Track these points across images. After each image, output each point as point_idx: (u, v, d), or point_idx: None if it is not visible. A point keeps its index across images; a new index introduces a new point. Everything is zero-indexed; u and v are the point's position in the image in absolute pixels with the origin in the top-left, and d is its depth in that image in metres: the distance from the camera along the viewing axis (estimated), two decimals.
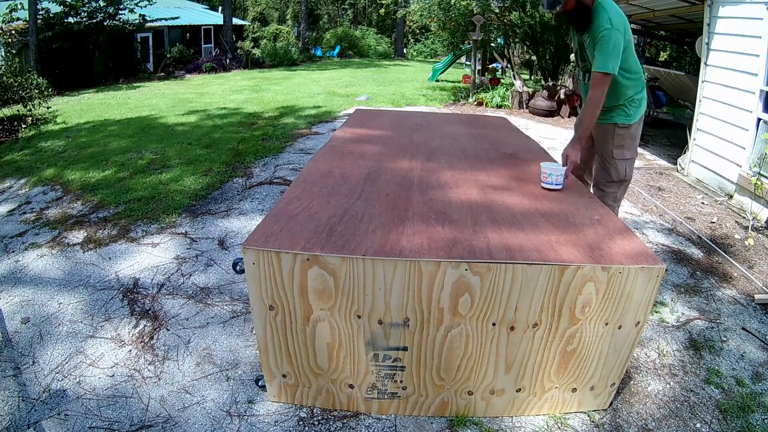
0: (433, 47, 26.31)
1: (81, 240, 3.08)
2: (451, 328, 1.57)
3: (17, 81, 7.04)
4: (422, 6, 10.97)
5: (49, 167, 4.65)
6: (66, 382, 1.88)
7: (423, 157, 2.51)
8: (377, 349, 1.63)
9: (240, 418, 1.74)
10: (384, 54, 24.48)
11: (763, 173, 3.81)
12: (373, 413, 1.77)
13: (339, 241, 1.54)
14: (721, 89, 4.49)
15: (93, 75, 12.47)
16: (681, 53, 12.09)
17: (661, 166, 5.45)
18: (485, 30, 9.86)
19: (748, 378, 2.06)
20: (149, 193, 3.75)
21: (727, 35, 4.42)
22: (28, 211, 3.60)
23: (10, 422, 1.68)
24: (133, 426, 1.69)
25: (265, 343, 1.65)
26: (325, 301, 1.54)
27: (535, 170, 2.38)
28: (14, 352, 2.05)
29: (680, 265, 3.03)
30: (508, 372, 1.67)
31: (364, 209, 1.79)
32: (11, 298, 2.45)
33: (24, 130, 6.64)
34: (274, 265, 1.50)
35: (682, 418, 1.82)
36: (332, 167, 2.25)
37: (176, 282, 2.60)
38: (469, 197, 1.96)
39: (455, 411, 1.75)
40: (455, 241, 1.57)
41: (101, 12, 12.71)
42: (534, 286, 1.50)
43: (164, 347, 2.10)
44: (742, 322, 2.46)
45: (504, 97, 9.29)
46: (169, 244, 3.02)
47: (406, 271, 1.47)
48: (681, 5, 5.55)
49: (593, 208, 1.95)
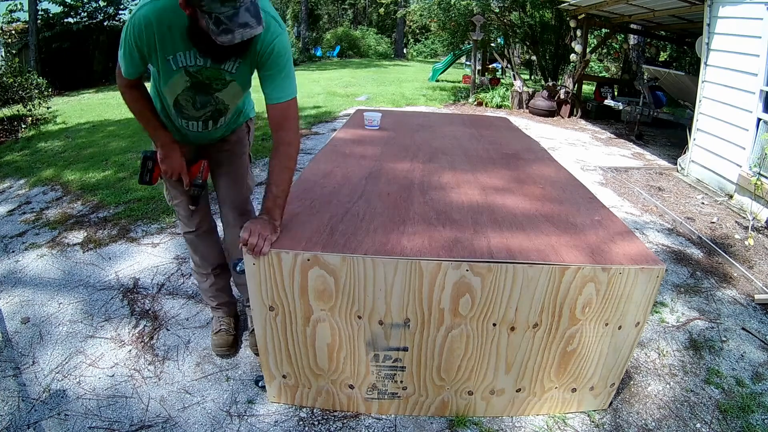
0: (433, 47, 26.30)
1: (81, 240, 3.07)
2: (451, 329, 1.57)
3: (17, 81, 7.04)
4: (422, 6, 10.97)
5: (48, 167, 4.65)
6: (66, 382, 1.88)
7: (424, 157, 2.51)
8: (378, 350, 1.63)
9: (240, 418, 1.74)
10: (384, 54, 24.49)
11: (763, 173, 3.81)
12: (373, 413, 1.77)
13: (340, 240, 1.54)
14: (721, 89, 4.50)
15: (93, 75, 12.48)
16: (681, 53, 12.09)
17: (661, 166, 5.45)
18: (485, 30, 9.86)
19: (748, 378, 2.06)
20: (149, 193, 3.75)
21: (727, 35, 4.42)
22: (28, 211, 3.60)
23: (10, 422, 1.68)
24: (133, 426, 1.69)
25: (265, 343, 1.65)
26: (325, 301, 1.54)
27: (536, 171, 2.39)
28: (14, 352, 2.05)
29: (680, 266, 3.03)
30: (508, 372, 1.67)
31: (366, 209, 1.79)
32: (11, 298, 2.45)
33: (24, 130, 6.64)
34: (274, 266, 1.49)
35: (682, 418, 1.82)
36: (333, 167, 2.25)
37: (176, 282, 2.60)
38: (470, 197, 1.96)
39: (455, 411, 1.75)
40: (456, 242, 1.57)
41: (101, 12, 12.73)
42: (535, 286, 1.50)
43: (164, 347, 2.10)
44: (742, 322, 2.47)
45: (504, 97, 9.29)
46: (169, 244, 3.02)
47: (407, 272, 1.47)
48: (681, 5, 5.56)
49: (594, 208, 1.95)
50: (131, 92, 1.63)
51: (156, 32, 1.42)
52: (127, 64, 1.52)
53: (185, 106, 1.67)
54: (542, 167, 2.46)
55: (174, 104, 1.67)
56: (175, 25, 1.42)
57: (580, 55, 8.21)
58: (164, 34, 1.43)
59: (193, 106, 1.67)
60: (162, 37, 1.44)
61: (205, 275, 2.07)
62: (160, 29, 1.42)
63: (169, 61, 1.50)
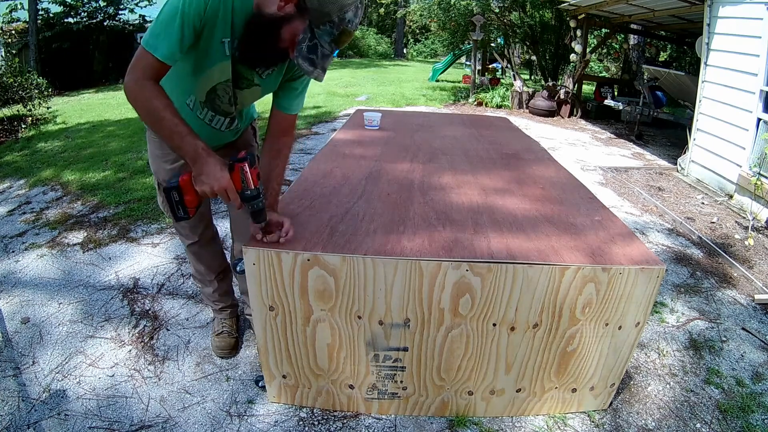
0: (433, 47, 26.30)
1: (81, 240, 3.08)
2: (451, 329, 1.57)
3: (17, 81, 7.04)
4: (422, 6, 10.99)
5: (48, 167, 4.65)
6: (66, 382, 1.88)
7: (424, 157, 2.51)
8: (378, 350, 1.63)
9: (240, 418, 1.74)
10: (384, 54, 24.49)
11: (763, 173, 3.81)
12: (373, 413, 1.77)
13: (340, 240, 1.54)
14: (721, 89, 4.50)
15: (93, 75, 12.49)
16: (681, 53, 12.10)
17: (661, 166, 5.45)
18: (485, 30, 9.87)
19: (748, 378, 2.06)
20: (149, 193, 3.76)
21: (727, 35, 4.43)
22: (28, 211, 3.60)
23: (10, 422, 1.68)
24: (133, 426, 1.69)
25: (265, 343, 1.65)
26: (325, 301, 1.54)
27: (536, 171, 2.38)
28: (14, 352, 2.05)
29: (680, 265, 3.03)
30: (509, 372, 1.67)
31: (366, 209, 1.79)
32: (11, 298, 2.45)
33: (24, 130, 6.64)
34: (274, 266, 1.49)
35: (682, 418, 1.82)
36: (333, 167, 2.25)
37: (176, 282, 2.60)
38: (470, 198, 1.96)
39: (455, 411, 1.75)
40: (456, 242, 1.57)
41: (101, 12, 12.73)
42: (535, 286, 1.50)
43: (164, 347, 2.10)
44: (742, 322, 2.47)
45: (504, 97, 9.29)
46: (169, 244, 3.02)
47: (407, 272, 1.47)
48: (681, 5, 5.56)
49: (594, 209, 1.95)
50: (155, 86, 1.25)
51: (221, 8, 1.25)
52: (172, 43, 1.22)
53: (222, 98, 1.51)
54: (542, 167, 2.46)
55: (208, 94, 1.49)
56: (238, 8, 1.26)
57: (580, 55, 8.22)
58: (227, 12, 1.26)
59: (228, 100, 1.53)
60: (224, 16, 1.26)
61: (209, 282, 2.05)
62: (225, 6, 1.25)
63: (224, 44, 1.33)
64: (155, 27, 1.22)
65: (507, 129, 3.42)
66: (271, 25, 1.22)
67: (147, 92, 1.24)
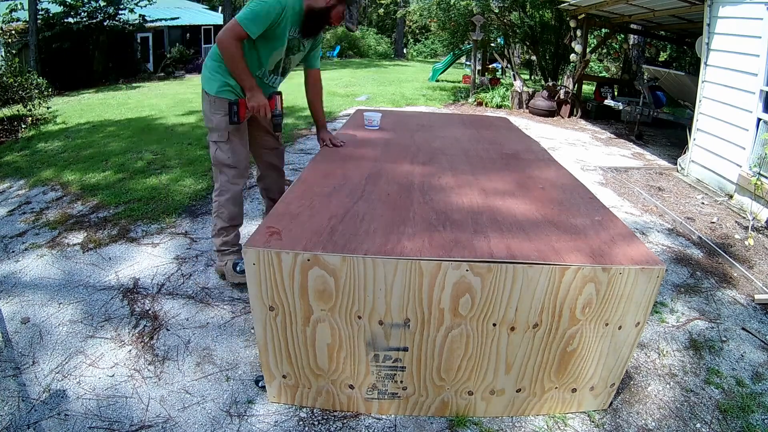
0: (433, 47, 26.31)
1: (81, 240, 3.07)
2: (451, 329, 1.57)
3: (17, 81, 7.03)
4: (422, 6, 10.98)
5: (48, 167, 4.65)
6: (66, 383, 1.88)
7: (424, 157, 2.51)
8: (378, 350, 1.63)
9: (240, 418, 1.74)
10: (384, 54, 24.50)
11: (763, 173, 3.82)
12: (373, 413, 1.77)
13: (340, 240, 1.54)
14: (721, 89, 4.50)
15: (93, 75, 12.48)
16: (681, 53, 12.10)
17: (661, 166, 5.45)
18: (485, 30, 9.87)
19: (748, 378, 2.06)
20: (149, 194, 3.75)
21: (727, 35, 4.43)
22: (28, 211, 3.60)
23: (10, 422, 1.68)
24: (133, 426, 1.69)
25: (265, 343, 1.65)
26: (325, 301, 1.54)
27: (536, 171, 2.38)
28: (14, 352, 2.05)
29: (680, 266, 3.03)
30: (509, 372, 1.67)
31: (366, 209, 1.79)
32: (11, 298, 2.45)
33: (24, 130, 6.63)
34: (274, 266, 1.50)
35: (682, 418, 1.82)
36: (333, 167, 2.25)
37: (176, 282, 2.60)
38: (470, 198, 1.97)
39: (455, 411, 1.75)
40: (456, 242, 1.57)
41: (101, 12, 12.71)
42: (535, 286, 1.50)
43: (164, 347, 2.10)
44: (742, 322, 2.47)
45: (504, 97, 9.29)
46: (169, 244, 3.02)
47: (407, 272, 1.47)
48: (681, 5, 5.56)
49: (594, 209, 1.95)
50: (239, 45, 2.15)
51: (289, 13, 2.18)
52: (258, 27, 2.11)
53: (287, 66, 2.43)
54: (542, 167, 2.46)
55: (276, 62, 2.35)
56: (294, 11, 2.21)
57: (580, 55, 8.22)
58: (290, 14, 2.19)
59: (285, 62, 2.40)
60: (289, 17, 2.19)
61: (233, 227, 2.43)
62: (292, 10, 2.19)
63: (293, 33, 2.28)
64: (249, 14, 2.09)
65: (507, 129, 3.42)
66: (325, 13, 2.26)
67: (234, 48, 2.14)
